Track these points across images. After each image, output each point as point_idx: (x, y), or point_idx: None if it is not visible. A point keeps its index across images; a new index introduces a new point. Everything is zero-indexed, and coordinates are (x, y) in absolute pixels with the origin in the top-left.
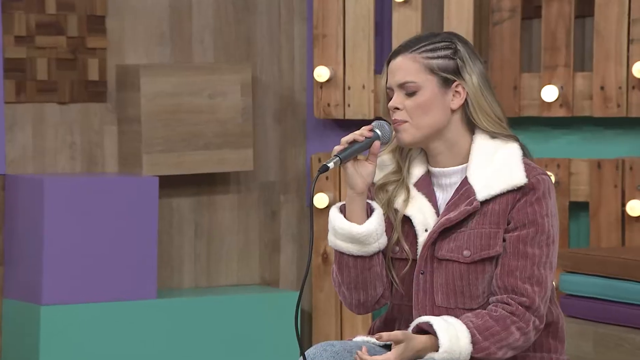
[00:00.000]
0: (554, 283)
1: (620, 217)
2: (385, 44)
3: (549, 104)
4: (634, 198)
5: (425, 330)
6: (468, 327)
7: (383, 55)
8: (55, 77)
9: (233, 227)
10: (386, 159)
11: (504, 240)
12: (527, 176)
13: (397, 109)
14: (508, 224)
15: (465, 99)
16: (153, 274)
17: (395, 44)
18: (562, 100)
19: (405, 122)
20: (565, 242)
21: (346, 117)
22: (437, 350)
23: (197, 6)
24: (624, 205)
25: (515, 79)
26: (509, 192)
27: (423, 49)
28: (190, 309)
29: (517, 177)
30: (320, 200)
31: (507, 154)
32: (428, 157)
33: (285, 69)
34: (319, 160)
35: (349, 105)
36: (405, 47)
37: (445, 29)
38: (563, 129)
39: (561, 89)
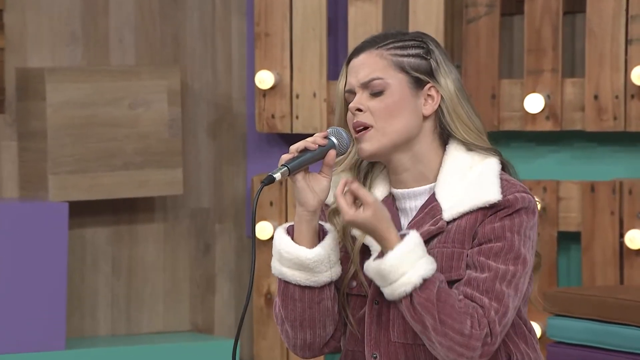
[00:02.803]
0: (540, 328)
1: (617, 250)
2: (339, 44)
3: (534, 115)
4: (633, 227)
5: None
6: (435, 273)
7: (337, 57)
8: None
9: (158, 263)
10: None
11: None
12: (503, 192)
13: (360, 110)
14: (473, 241)
15: (439, 106)
16: (61, 320)
17: (352, 45)
18: (549, 111)
19: (370, 127)
20: (554, 279)
21: (294, 131)
22: (391, 249)
23: None
24: (622, 235)
25: (494, 87)
26: (479, 209)
27: (392, 45)
28: None
29: (489, 192)
30: (263, 230)
31: (482, 170)
32: (390, 177)
33: (221, 74)
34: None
35: (297, 117)
36: (371, 43)
37: (412, 27)
38: (550, 145)
39: (548, 98)
